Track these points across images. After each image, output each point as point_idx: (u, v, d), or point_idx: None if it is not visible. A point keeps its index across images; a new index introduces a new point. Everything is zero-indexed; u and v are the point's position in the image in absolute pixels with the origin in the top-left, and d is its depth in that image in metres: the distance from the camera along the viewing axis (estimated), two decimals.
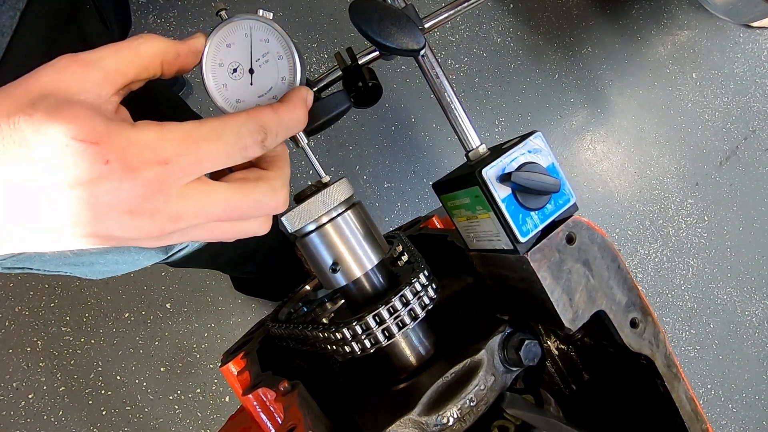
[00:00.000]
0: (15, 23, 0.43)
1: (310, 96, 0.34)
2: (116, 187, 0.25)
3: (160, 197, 0.26)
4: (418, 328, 0.43)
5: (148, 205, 0.26)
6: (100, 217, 0.26)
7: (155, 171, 0.26)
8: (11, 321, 1.35)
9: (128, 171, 0.25)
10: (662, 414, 0.44)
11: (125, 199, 0.26)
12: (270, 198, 0.31)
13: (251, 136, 0.29)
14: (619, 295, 0.41)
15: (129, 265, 0.68)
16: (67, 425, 1.34)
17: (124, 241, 0.28)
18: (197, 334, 1.43)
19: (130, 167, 0.25)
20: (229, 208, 0.29)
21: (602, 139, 1.75)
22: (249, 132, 0.29)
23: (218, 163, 0.28)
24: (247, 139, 0.29)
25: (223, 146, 0.28)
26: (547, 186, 0.38)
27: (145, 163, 0.26)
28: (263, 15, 0.34)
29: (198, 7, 1.51)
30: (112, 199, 0.25)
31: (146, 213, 0.26)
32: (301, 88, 0.34)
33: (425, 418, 0.37)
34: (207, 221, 0.29)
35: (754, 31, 1.91)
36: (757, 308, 1.79)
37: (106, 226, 0.26)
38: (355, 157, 1.55)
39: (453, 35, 1.67)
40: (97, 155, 0.24)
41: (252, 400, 0.43)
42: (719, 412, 1.72)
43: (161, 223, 0.27)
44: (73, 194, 0.25)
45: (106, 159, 0.25)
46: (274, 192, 0.31)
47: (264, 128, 0.30)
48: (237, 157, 0.29)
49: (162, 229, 0.27)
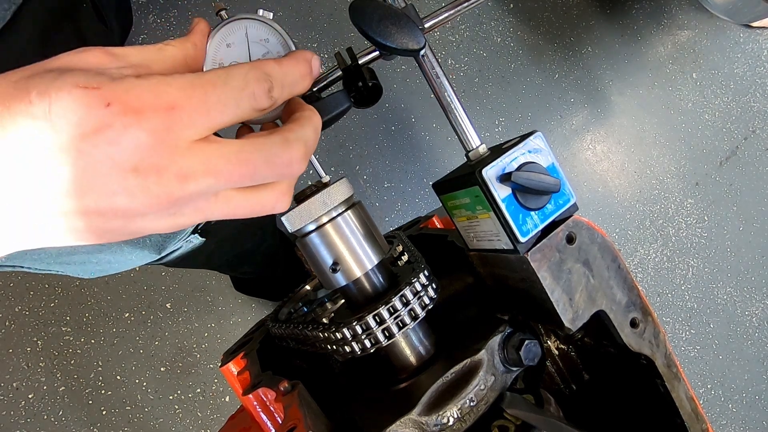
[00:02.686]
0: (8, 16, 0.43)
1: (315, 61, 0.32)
2: (119, 135, 0.23)
3: (166, 150, 0.24)
4: (418, 328, 0.43)
5: (153, 158, 0.24)
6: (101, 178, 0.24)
7: (161, 117, 0.24)
8: (11, 321, 1.35)
9: (131, 114, 0.23)
10: (662, 414, 0.44)
11: (129, 149, 0.23)
12: (283, 150, 0.28)
13: (258, 83, 0.27)
14: (619, 295, 0.41)
15: (121, 264, 0.67)
16: (67, 425, 1.34)
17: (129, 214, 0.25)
18: (197, 334, 1.43)
19: (133, 109, 0.23)
20: (239, 162, 0.26)
21: (602, 139, 1.75)
22: (255, 79, 0.27)
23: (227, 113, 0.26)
24: (254, 85, 0.27)
25: (230, 92, 0.26)
26: (547, 186, 0.38)
27: (149, 106, 0.24)
28: (263, 15, 0.34)
29: (198, 7, 1.51)
30: (114, 151, 0.23)
31: (152, 170, 0.24)
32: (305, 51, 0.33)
33: (425, 418, 0.37)
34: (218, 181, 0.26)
35: (754, 31, 1.91)
36: (757, 308, 1.79)
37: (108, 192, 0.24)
38: (355, 157, 1.55)
39: (453, 35, 1.67)
40: (98, 98, 0.23)
41: (252, 400, 0.43)
42: (719, 412, 1.72)
43: (169, 184, 0.25)
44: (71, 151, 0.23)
45: (107, 101, 0.23)
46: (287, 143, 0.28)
47: (269, 76, 0.28)
48: (246, 106, 0.27)
49: (170, 192, 0.25)
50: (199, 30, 0.32)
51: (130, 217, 0.25)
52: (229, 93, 0.26)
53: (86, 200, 0.24)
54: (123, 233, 0.26)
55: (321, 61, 0.33)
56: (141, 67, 0.27)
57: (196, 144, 0.25)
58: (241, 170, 0.27)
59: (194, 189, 0.25)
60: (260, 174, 0.28)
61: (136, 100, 0.24)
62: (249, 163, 0.27)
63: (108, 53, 0.26)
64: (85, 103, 0.23)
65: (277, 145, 0.28)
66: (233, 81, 0.27)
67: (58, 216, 0.24)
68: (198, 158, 0.25)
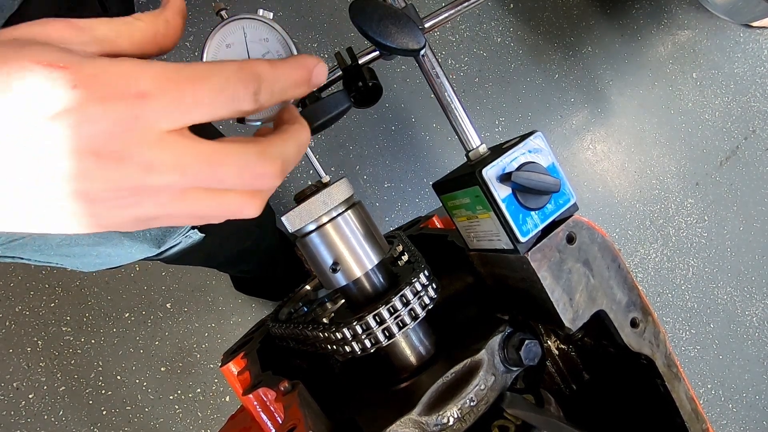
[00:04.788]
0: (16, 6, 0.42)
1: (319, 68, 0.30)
2: (83, 119, 0.22)
3: (131, 138, 0.23)
4: (419, 327, 0.43)
5: (116, 144, 0.23)
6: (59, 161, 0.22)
7: (129, 104, 0.23)
8: (11, 321, 1.35)
9: (97, 99, 0.22)
10: (662, 414, 0.44)
11: (91, 134, 0.22)
12: (257, 163, 0.26)
13: (243, 84, 0.26)
14: (620, 294, 0.41)
15: (121, 257, 0.67)
16: (67, 425, 1.34)
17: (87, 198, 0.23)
18: (197, 334, 1.43)
19: (100, 95, 0.22)
20: (209, 164, 0.25)
21: (602, 139, 1.75)
22: (241, 80, 0.26)
23: (203, 111, 0.25)
24: (237, 86, 0.25)
25: (209, 90, 0.24)
26: (547, 186, 0.38)
27: (118, 93, 0.22)
28: (263, 15, 0.34)
29: (198, 7, 1.51)
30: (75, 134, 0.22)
31: (114, 157, 0.23)
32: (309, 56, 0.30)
33: (425, 418, 0.37)
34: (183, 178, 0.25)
35: (754, 30, 1.91)
36: (757, 308, 1.79)
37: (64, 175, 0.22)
38: (355, 157, 1.55)
39: (453, 35, 1.67)
40: (64, 79, 0.21)
41: (252, 400, 0.43)
42: (719, 412, 1.72)
43: (130, 172, 0.23)
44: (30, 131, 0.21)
45: (73, 83, 0.22)
46: (263, 157, 0.27)
47: (258, 79, 0.26)
48: (225, 106, 0.25)
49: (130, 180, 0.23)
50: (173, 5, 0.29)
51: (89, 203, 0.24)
52: (206, 92, 0.25)
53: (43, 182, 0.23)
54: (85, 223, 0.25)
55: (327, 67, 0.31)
56: (106, 42, 0.26)
57: (168, 135, 0.24)
58: (208, 172, 0.25)
59: (157, 181, 0.24)
60: (227, 181, 0.26)
61: (104, 85, 0.22)
62: (219, 167, 0.26)
63: (72, 26, 0.25)
64: (50, 83, 0.21)
65: (253, 156, 0.27)
66: (213, 79, 0.25)
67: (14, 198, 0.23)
68: (167, 151, 0.24)
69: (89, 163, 0.23)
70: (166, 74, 0.24)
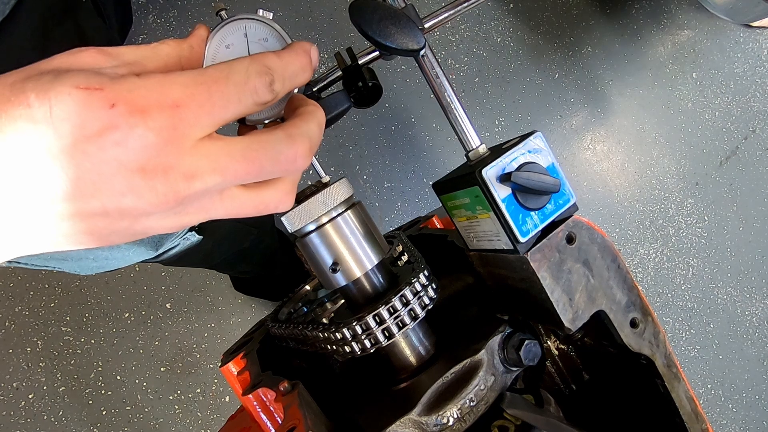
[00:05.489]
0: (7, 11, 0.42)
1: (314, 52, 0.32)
2: (125, 136, 0.23)
3: (173, 149, 0.24)
4: (418, 328, 0.43)
5: (160, 158, 0.24)
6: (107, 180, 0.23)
7: (166, 116, 0.24)
8: (11, 321, 1.35)
9: (137, 114, 0.23)
10: (662, 414, 0.44)
11: (135, 149, 0.23)
12: (287, 146, 0.28)
13: (259, 77, 0.27)
14: (619, 295, 0.41)
15: (118, 260, 0.67)
16: (67, 425, 1.34)
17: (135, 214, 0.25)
18: (197, 334, 1.43)
19: (138, 108, 0.23)
20: (245, 160, 0.26)
21: (602, 139, 1.75)
22: (256, 73, 0.27)
23: (230, 108, 0.26)
24: (255, 79, 0.27)
25: (233, 87, 0.26)
26: (547, 186, 0.38)
27: (154, 105, 0.24)
28: (263, 15, 0.34)
29: (198, 7, 1.51)
30: (121, 152, 0.23)
31: (159, 170, 0.24)
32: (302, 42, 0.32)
33: (425, 418, 0.37)
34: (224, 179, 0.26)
35: (754, 31, 1.91)
36: (757, 308, 1.79)
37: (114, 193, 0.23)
38: (355, 157, 1.55)
39: (453, 35, 1.67)
40: (102, 100, 0.23)
41: (252, 400, 0.43)
42: (719, 412, 1.72)
43: (175, 183, 0.24)
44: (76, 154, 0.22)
45: (111, 103, 0.23)
46: (292, 139, 0.28)
47: (270, 70, 0.28)
48: (248, 101, 0.27)
49: (177, 191, 0.25)
50: (198, 34, 0.32)
51: (136, 218, 0.25)
52: (232, 88, 0.26)
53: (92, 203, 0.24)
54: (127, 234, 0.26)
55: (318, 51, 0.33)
56: (136, 65, 0.27)
57: (201, 142, 0.25)
58: (246, 167, 0.27)
59: (200, 187, 0.25)
60: (266, 170, 0.28)
61: (141, 100, 0.23)
62: (255, 160, 0.27)
63: (103, 52, 0.26)
64: (89, 105, 0.22)
65: (282, 141, 0.28)
66: (235, 76, 0.26)
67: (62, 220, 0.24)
68: (204, 156, 0.25)
69: (137, 180, 0.24)
70: (192, 80, 0.25)
